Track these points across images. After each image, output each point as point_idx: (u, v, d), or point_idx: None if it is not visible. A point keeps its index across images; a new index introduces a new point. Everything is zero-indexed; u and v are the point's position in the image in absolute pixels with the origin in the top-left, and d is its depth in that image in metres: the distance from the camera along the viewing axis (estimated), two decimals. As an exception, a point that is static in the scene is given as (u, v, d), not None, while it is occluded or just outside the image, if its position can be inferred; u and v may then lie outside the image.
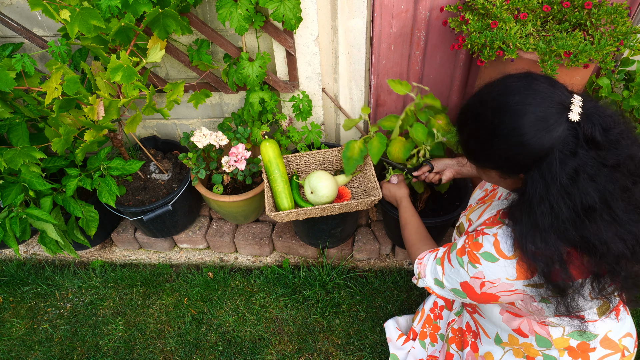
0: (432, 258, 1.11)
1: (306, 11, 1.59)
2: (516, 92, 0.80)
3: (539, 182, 0.79)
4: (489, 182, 1.04)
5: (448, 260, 1.03)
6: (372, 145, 1.65)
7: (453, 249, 1.02)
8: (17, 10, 1.72)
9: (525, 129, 0.77)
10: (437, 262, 1.07)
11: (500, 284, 0.91)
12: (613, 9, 1.33)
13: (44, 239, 1.77)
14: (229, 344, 1.82)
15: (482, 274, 0.93)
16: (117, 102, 1.46)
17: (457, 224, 1.24)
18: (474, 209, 1.16)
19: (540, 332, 1.04)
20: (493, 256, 0.90)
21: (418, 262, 1.15)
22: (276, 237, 2.08)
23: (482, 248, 0.93)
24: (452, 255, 1.02)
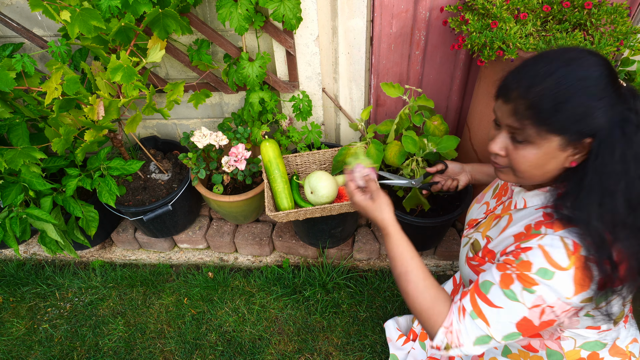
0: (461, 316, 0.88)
1: (306, 11, 1.59)
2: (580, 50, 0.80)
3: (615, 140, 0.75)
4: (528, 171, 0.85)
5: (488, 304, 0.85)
6: (369, 152, 1.65)
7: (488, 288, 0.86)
8: (17, 10, 1.72)
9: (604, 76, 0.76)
10: (472, 316, 0.87)
11: (559, 305, 0.79)
12: (613, 9, 1.33)
13: (44, 239, 1.77)
14: (229, 344, 1.82)
15: (542, 298, 0.79)
16: (117, 102, 1.46)
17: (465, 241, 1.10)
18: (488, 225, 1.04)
19: (552, 346, 0.99)
20: (548, 271, 0.78)
21: (446, 331, 0.89)
22: (276, 237, 2.08)
23: (533, 266, 0.80)
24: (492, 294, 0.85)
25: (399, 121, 1.61)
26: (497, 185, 1.15)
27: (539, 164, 0.83)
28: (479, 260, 1.01)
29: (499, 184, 1.15)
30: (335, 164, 1.79)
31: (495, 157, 0.90)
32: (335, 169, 1.79)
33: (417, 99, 1.60)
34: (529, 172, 0.85)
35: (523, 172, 0.86)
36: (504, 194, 1.09)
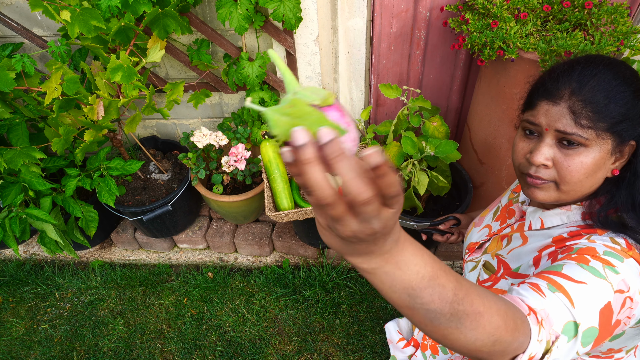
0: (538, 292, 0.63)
1: (306, 11, 1.59)
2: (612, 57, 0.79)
3: None
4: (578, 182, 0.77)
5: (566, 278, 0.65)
6: None
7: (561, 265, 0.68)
8: (17, 10, 1.72)
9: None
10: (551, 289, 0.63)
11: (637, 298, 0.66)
12: (613, 9, 1.33)
13: (44, 239, 1.77)
14: (228, 344, 1.82)
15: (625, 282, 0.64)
16: (117, 102, 1.46)
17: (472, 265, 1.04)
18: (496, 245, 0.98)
19: None
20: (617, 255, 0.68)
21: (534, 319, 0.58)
22: (276, 237, 2.08)
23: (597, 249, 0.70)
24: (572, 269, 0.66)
25: (397, 122, 1.61)
26: (498, 208, 1.10)
27: (593, 171, 0.75)
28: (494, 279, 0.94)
29: (499, 206, 1.10)
30: None
31: (537, 170, 0.79)
32: None
33: (415, 100, 1.60)
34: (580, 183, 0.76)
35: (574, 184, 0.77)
36: (509, 216, 1.03)
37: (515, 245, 0.92)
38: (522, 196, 1.02)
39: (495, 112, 1.55)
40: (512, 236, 0.95)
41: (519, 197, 1.04)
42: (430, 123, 1.60)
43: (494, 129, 1.59)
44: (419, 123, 1.59)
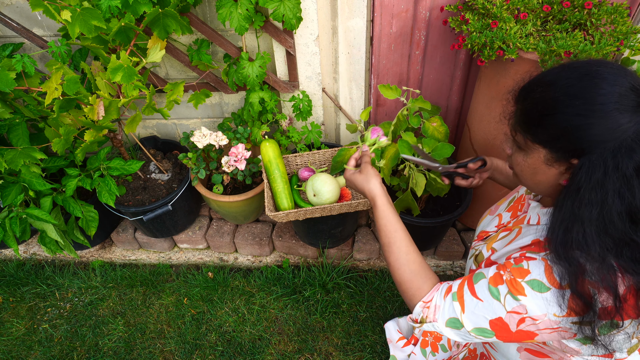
0: (443, 295, 0.90)
1: (306, 11, 1.59)
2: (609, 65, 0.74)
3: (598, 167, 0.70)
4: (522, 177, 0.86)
5: (472, 293, 0.86)
6: None
7: (479, 279, 0.86)
8: (17, 10, 1.72)
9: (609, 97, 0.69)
10: (453, 297, 0.88)
11: (544, 320, 0.77)
12: (613, 9, 1.33)
13: (44, 239, 1.77)
14: (229, 344, 1.82)
15: (525, 308, 0.78)
16: (117, 102, 1.46)
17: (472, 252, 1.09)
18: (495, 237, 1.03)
19: None
20: (543, 285, 0.76)
21: (424, 306, 0.92)
22: (276, 237, 2.08)
23: (529, 275, 0.78)
24: (478, 286, 0.85)
25: (397, 122, 1.61)
26: (513, 198, 1.12)
27: (528, 172, 0.83)
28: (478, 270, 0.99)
29: (515, 196, 1.12)
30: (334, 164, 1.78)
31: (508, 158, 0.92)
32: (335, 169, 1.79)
33: (415, 101, 1.60)
34: (523, 178, 0.86)
35: (518, 176, 0.87)
36: (520, 208, 1.05)
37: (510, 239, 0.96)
38: None
39: (495, 112, 1.55)
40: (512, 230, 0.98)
41: None
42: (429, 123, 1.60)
43: (494, 129, 1.59)
44: (418, 124, 1.59)
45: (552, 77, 0.77)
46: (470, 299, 0.85)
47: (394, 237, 0.99)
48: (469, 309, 0.85)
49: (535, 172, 0.82)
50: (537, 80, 0.79)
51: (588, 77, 0.72)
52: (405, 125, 1.62)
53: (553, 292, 0.76)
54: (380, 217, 1.03)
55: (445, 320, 0.88)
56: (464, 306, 0.86)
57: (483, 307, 0.83)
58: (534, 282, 0.77)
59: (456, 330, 0.88)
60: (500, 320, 0.81)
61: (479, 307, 0.83)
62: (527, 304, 0.78)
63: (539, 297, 0.77)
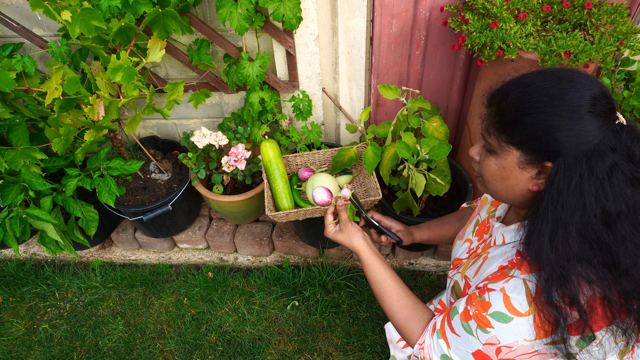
0: (431, 334, 0.95)
1: (306, 11, 1.59)
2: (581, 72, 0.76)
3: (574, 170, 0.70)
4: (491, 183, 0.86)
5: (450, 329, 0.89)
6: (367, 156, 1.64)
7: (454, 315, 0.89)
8: (17, 10, 1.72)
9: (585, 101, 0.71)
10: (438, 335, 0.92)
11: (518, 347, 0.79)
12: (613, 9, 1.33)
13: (44, 239, 1.77)
14: (228, 344, 1.82)
15: (497, 338, 0.80)
16: (117, 102, 1.46)
17: (449, 282, 1.08)
18: (467, 264, 1.02)
19: None
20: (505, 316, 0.78)
21: (419, 347, 0.97)
22: (276, 237, 2.08)
23: (490, 307, 0.80)
24: (454, 322, 0.88)
25: (397, 123, 1.61)
26: (477, 221, 1.12)
27: (499, 177, 0.83)
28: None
29: (478, 219, 1.12)
30: (334, 164, 1.79)
31: (474, 162, 0.92)
32: (335, 170, 1.79)
33: (414, 101, 1.60)
34: (492, 184, 0.86)
35: (487, 183, 0.87)
36: (486, 231, 1.06)
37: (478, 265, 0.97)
38: (499, 210, 1.02)
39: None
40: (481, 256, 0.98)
41: (496, 211, 1.04)
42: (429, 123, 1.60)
43: (494, 129, 1.59)
44: (418, 124, 1.59)
45: (530, 79, 0.78)
46: (451, 335, 0.89)
47: (385, 287, 1.05)
48: (453, 345, 0.89)
49: (506, 176, 0.82)
50: (514, 82, 0.80)
51: (566, 81, 0.74)
52: (404, 126, 1.62)
53: (516, 320, 0.77)
54: (369, 270, 1.08)
55: (439, 357, 0.92)
56: (448, 343, 0.90)
57: (463, 342, 0.86)
58: (497, 314, 0.79)
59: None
60: (480, 353, 0.84)
61: (460, 342, 0.87)
62: (498, 334, 0.80)
63: (505, 327, 0.78)
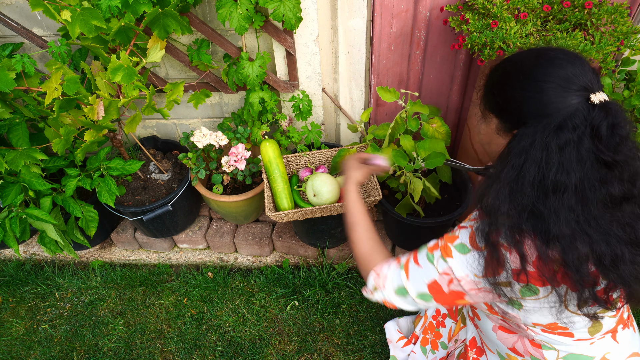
0: (393, 267, 1.01)
1: (306, 11, 1.59)
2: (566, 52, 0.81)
3: (528, 137, 0.77)
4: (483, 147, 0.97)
5: (415, 261, 0.96)
6: None
7: (422, 249, 0.97)
8: (17, 10, 1.72)
9: (551, 78, 0.77)
10: (401, 267, 0.98)
11: (467, 281, 0.87)
12: (613, 9, 1.33)
13: (44, 239, 1.77)
14: (228, 344, 1.82)
15: (451, 269, 0.87)
16: (117, 102, 1.46)
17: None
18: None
19: (535, 354, 1.00)
20: (465, 247, 0.86)
21: (375, 274, 1.03)
22: (276, 237, 2.08)
23: (457, 240, 0.88)
24: (420, 255, 0.95)
25: (395, 125, 1.60)
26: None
27: (486, 141, 0.94)
28: None
29: None
30: (334, 164, 1.79)
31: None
32: (335, 170, 1.79)
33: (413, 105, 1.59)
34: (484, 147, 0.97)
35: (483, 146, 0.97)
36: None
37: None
38: None
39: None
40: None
41: None
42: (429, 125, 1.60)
43: (494, 129, 1.59)
44: (416, 127, 1.59)
45: (515, 55, 0.86)
46: (414, 266, 0.95)
47: (361, 219, 1.15)
48: (412, 276, 0.95)
49: (490, 141, 0.92)
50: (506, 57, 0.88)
51: (542, 58, 0.80)
52: (403, 128, 1.62)
53: (473, 253, 0.85)
54: (350, 200, 1.20)
55: (393, 288, 0.98)
56: (408, 274, 0.95)
57: (422, 272, 0.93)
58: (460, 245, 0.87)
59: (403, 297, 0.97)
60: (435, 283, 0.90)
61: (420, 272, 0.93)
62: (453, 266, 0.87)
63: (462, 258, 0.86)
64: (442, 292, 0.91)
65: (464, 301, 0.91)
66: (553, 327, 0.92)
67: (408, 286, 0.95)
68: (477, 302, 0.92)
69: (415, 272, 0.94)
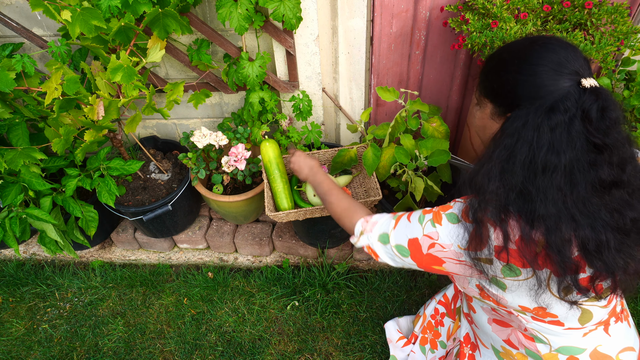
0: (386, 216, 1.05)
1: (306, 11, 1.59)
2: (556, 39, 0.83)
3: (521, 119, 0.79)
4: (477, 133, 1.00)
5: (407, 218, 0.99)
6: (367, 157, 1.64)
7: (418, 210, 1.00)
8: (17, 10, 1.72)
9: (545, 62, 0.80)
10: (394, 218, 1.02)
11: (450, 250, 0.89)
12: (613, 9, 1.33)
13: (44, 239, 1.77)
14: (228, 344, 1.82)
15: (437, 234, 0.91)
16: (117, 102, 1.46)
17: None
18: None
19: (529, 346, 1.01)
20: (456, 217, 0.89)
21: (363, 220, 1.08)
22: (276, 237, 2.08)
23: (449, 209, 0.91)
24: (414, 214, 0.99)
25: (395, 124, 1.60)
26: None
27: (481, 127, 0.95)
28: None
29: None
30: (334, 165, 1.78)
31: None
32: (335, 170, 1.79)
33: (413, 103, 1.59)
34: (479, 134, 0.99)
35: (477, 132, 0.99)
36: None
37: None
38: None
39: (495, 112, 1.54)
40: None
41: None
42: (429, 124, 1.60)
43: (494, 129, 1.59)
44: (417, 126, 1.59)
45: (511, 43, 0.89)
46: (404, 220, 0.99)
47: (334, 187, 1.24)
48: (398, 228, 0.99)
49: (484, 128, 0.94)
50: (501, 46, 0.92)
51: (536, 44, 0.82)
52: (403, 127, 1.62)
53: (461, 224, 0.87)
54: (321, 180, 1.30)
55: (378, 234, 1.02)
56: (397, 225, 0.99)
57: (408, 228, 0.96)
58: (451, 214, 0.90)
59: (383, 245, 1.01)
60: (415, 241, 0.94)
61: (406, 227, 0.97)
62: (440, 232, 0.90)
63: (450, 227, 0.89)
64: (420, 252, 0.94)
65: (440, 268, 0.94)
66: (542, 313, 0.92)
67: (391, 235, 0.99)
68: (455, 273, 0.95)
69: (403, 225, 0.98)
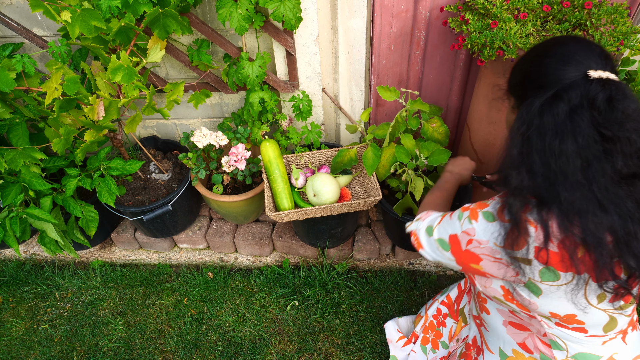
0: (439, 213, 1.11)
1: (306, 11, 1.59)
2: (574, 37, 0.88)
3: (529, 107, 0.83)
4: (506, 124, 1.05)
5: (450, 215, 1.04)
6: (367, 157, 1.64)
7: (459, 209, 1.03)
8: (17, 10, 1.72)
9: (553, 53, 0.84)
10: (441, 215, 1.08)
11: (487, 246, 0.91)
12: (613, 9, 1.33)
13: (44, 239, 1.77)
14: (229, 344, 1.82)
15: (474, 230, 0.93)
16: (117, 102, 1.46)
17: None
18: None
19: (545, 351, 1.00)
20: (492, 216, 0.90)
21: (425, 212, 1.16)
22: (276, 237, 2.08)
23: (486, 207, 0.93)
24: (455, 212, 1.03)
25: (395, 124, 1.61)
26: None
27: (507, 121, 1.01)
28: None
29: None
30: (334, 165, 1.79)
31: None
32: (335, 170, 1.79)
33: (414, 103, 1.60)
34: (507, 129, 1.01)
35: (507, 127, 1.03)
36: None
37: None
38: None
39: (495, 112, 1.55)
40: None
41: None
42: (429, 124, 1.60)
43: (494, 129, 1.59)
44: (417, 125, 1.59)
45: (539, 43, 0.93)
46: (447, 218, 1.03)
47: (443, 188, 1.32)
48: (442, 223, 1.04)
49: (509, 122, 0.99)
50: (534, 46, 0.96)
51: (558, 43, 0.86)
52: (403, 127, 1.62)
53: (497, 223, 0.88)
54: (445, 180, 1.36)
55: (427, 225, 1.08)
56: (442, 220, 1.04)
57: (450, 224, 1.00)
58: (487, 213, 0.92)
59: (428, 236, 1.06)
60: (455, 237, 0.97)
61: (448, 224, 1.01)
62: (476, 228, 0.92)
63: (486, 224, 0.91)
64: (459, 248, 0.97)
65: (477, 267, 0.95)
66: (570, 320, 0.91)
67: (435, 229, 1.05)
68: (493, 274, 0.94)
69: (446, 222, 1.03)
